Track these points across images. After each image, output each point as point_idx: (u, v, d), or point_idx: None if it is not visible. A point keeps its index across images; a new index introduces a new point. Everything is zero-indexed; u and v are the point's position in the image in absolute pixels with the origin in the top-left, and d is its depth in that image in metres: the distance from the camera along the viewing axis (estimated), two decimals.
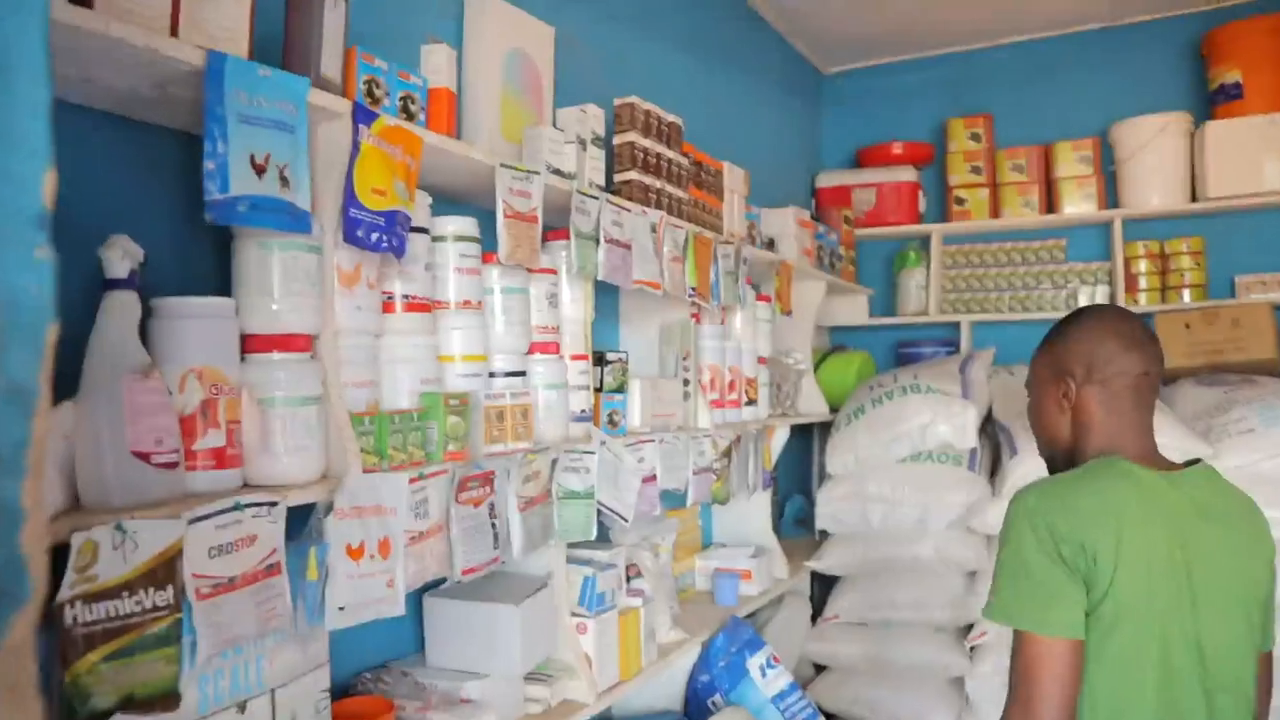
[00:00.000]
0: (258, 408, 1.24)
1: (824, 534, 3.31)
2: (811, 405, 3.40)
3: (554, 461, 1.80)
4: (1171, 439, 2.79)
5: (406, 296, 1.55)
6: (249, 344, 1.28)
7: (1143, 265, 3.82)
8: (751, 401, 2.78)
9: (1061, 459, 1.49)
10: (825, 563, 3.19)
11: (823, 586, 3.40)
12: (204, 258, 1.42)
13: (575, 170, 1.94)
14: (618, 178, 2.20)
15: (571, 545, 2.02)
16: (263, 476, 1.26)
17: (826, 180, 4.28)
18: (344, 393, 1.40)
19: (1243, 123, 3.49)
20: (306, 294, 1.30)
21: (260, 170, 1.17)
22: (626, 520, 2.00)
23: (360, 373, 1.44)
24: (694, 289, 2.31)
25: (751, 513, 3.07)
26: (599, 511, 1.93)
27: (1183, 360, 3.38)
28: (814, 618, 3.26)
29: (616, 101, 2.22)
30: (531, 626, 1.75)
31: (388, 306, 1.54)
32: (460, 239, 1.66)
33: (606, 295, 2.50)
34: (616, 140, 2.21)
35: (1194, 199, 3.70)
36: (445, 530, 1.48)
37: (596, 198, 1.93)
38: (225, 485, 1.20)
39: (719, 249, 2.46)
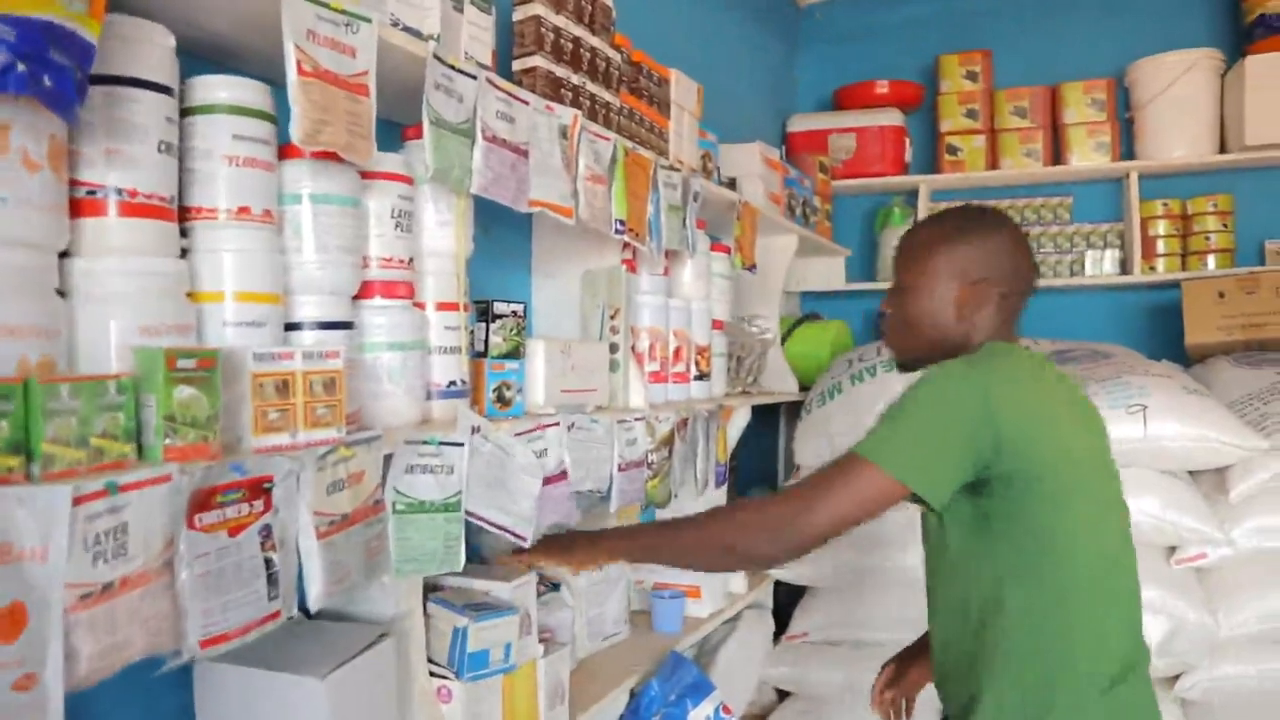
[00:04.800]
0: None
1: None
2: (778, 382, 2.87)
3: (389, 458, 1.21)
4: (1216, 430, 2.30)
5: (123, 193, 0.95)
6: None
7: (1161, 227, 3.33)
8: (703, 375, 2.20)
9: (924, 364, 1.38)
10: (791, 571, 2.74)
11: (788, 598, 2.87)
12: None
13: (439, 33, 1.34)
14: (516, 65, 1.61)
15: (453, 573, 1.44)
16: None
17: (799, 124, 3.70)
18: None
19: None
20: None
21: None
22: (524, 540, 1.42)
23: (15, 311, 0.85)
24: (623, 222, 1.73)
25: None
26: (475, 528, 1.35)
27: (1216, 335, 2.86)
28: (778, 635, 2.76)
29: None
30: (352, 703, 1.16)
31: (87, 206, 0.94)
32: (237, 111, 1.06)
33: (515, 230, 1.91)
34: (517, 15, 1.61)
35: (1223, 149, 3.20)
36: (169, 576, 0.90)
37: (473, 76, 1.34)
38: None
39: (660, 175, 1.88)
